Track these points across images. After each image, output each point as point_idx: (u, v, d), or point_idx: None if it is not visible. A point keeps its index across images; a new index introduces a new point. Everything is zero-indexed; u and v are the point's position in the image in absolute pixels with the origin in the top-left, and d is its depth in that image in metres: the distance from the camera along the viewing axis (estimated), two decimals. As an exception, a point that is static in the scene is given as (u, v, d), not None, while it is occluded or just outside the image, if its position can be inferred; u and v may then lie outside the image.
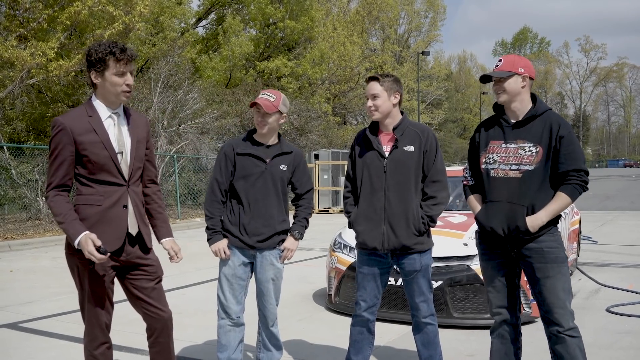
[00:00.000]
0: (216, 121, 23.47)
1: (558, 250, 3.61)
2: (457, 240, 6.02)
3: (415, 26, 60.17)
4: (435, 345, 4.16)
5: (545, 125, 3.60)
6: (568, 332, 3.59)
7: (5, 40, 16.36)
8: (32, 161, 16.44)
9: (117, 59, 3.30)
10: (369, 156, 4.06)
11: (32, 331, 5.93)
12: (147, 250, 3.52)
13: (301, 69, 31.31)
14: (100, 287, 3.37)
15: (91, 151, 3.28)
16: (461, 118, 70.28)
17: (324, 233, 13.18)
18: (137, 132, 3.49)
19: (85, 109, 3.37)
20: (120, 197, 3.36)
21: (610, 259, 10.05)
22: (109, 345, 3.50)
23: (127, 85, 3.35)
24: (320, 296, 7.41)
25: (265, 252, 4.12)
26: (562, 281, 3.59)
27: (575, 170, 3.54)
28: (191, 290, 8.02)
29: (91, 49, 3.33)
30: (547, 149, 3.57)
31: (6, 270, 9.75)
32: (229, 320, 4.14)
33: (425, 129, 4.10)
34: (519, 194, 3.59)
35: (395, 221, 3.96)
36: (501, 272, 3.78)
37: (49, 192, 3.30)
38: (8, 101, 18.54)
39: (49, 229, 14.97)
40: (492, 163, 3.69)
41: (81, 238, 3.18)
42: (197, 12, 33.05)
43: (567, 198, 3.56)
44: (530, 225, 3.56)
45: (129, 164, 3.41)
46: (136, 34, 21.52)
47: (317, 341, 5.52)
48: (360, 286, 4.17)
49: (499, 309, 3.83)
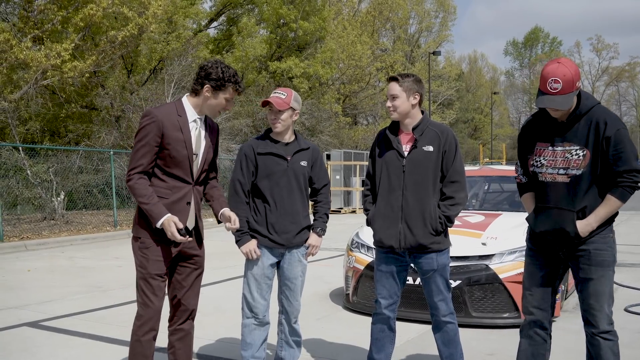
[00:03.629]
0: (228, 122, 23.54)
1: (606, 254, 3.54)
2: (475, 239, 6.03)
3: (425, 26, 60.03)
4: (455, 344, 4.16)
5: (591, 125, 3.46)
6: (602, 335, 3.55)
7: (20, 42, 16.48)
8: (47, 161, 16.56)
9: (236, 90, 3.67)
10: (389, 155, 4.09)
11: (54, 329, 5.99)
12: (201, 242, 3.81)
13: (312, 69, 31.34)
14: (158, 271, 3.59)
15: (174, 147, 3.56)
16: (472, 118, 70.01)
17: (337, 233, 13.20)
18: (212, 138, 3.80)
19: (175, 107, 3.65)
20: (186, 194, 3.64)
21: (626, 259, 10.00)
22: (155, 334, 3.66)
23: (228, 108, 3.75)
24: (337, 295, 7.43)
25: (294, 249, 4.18)
26: (603, 285, 3.54)
27: (626, 171, 3.42)
28: (208, 290, 8.05)
29: (215, 67, 3.61)
30: (595, 152, 3.44)
31: (24, 270, 9.84)
32: (255, 319, 4.17)
33: (445, 130, 4.09)
34: (568, 199, 3.51)
35: (412, 220, 3.98)
36: (543, 271, 3.72)
37: (132, 175, 3.53)
38: (23, 102, 18.70)
39: (64, 229, 15.08)
40: (540, 167, 3.61)
41: (165, 219, 3.46)
42: (208, 13, 33.15)
43: (617, 201, 3.47)
44: (580, 230, 3.49)
45: (199, 166, 3.71)
46: (149, 35, 21.63)
47: (335, 340, 5.54)
48: (379, 284, 4.19)
49: (532, 309, 3.77)
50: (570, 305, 6.63)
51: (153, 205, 3.48)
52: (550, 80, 3.38)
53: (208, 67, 3.60)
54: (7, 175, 15.55)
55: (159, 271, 3.59)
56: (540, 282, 3.74)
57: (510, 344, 4.92)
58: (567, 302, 6.73)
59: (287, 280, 4.23)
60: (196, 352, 5.16)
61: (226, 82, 3.59)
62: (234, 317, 6.33)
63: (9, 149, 15.83)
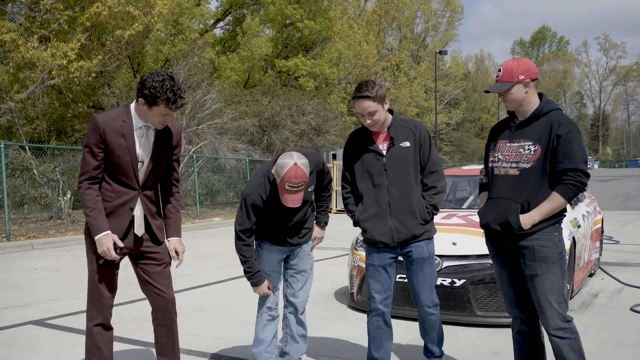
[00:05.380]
0: (234, 121, 23.54)
1: (550, 250, 3.61)
2: (479, 238, 5.98)
3: (432, 25, 59.98)
4: (436, 329, 4.36)
5: (546, 124, 3.63)
6: (555, 332, 3.61)
7: (27, 42, 16.54)
8: (53, 161, 16.62)
9: (168, 107, 3.51)
10: (367, 157, 4.19)
11: (59, 328, 6.01)
12: (159, 242, 3.84)
13: (319, 69, 31.32)
14: (105, 271, 3.70)
15: (116, 154, 3.57)
16: (479, 118, 69.84)
17: (343, 232, 13.17)
18: (164, 144, 3.74)
19: (121, 113, 3.62)
20: (130, 200, 3.67)
21: (633, 258, 9.95)
22: (106, 326, 3.79)
23: (166, 122, 3.64)
24: (342, 294, 7.42)
25: (303, 244, 4.27)
26: (550, 280, 3.59)
27: (572, 170, 3.53)
28: (212, 289, 8.07)
29: (148, 81, 3.48)
30: (546, 148, 3.59)
31: (30, 269, 9.87)
32: (268, 313, 4.21)
33: (417, 124, 4.24)
34: (516, 191, 3.65)
35: (401, 214, 4.12)
36: (507, 269, 3.84)
37: (81, 183, 3.59)
38: (30, 102, 18.76)
39: (70, 228, 15.13)
40: (497, 161, 3.77)
41: (102, 236, 3.53)
42: (215, 13, 33.17)
43: (560, 198, 3.56)
44: (523, 222, 3.59)
45: (145, 173, 3.70)
46: (155, 34, 21.67)
47: (340, 338, 5.54)
48: (373, 279, 4.27)
49: (511, 308, 3.92)
50: (576, 305, 6.60)
51: (94, 219, 3.54)
52: (497, 71, 3.75)
53: (144, 80, 3.51)
54: (13, 175, 15.62)
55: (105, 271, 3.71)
56: (509, 280, 3.86)
57: (515, 343, 4.90)
58: (572, 302, 6.69)
59: (296, 273, 4.29)
60: (200, 350, 5.16)
61: (157, 99, 3.47)
62: (238, 315, 6.35)
63: (15, 148, 15.89)
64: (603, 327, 5.77)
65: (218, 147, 21.66)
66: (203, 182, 22.46)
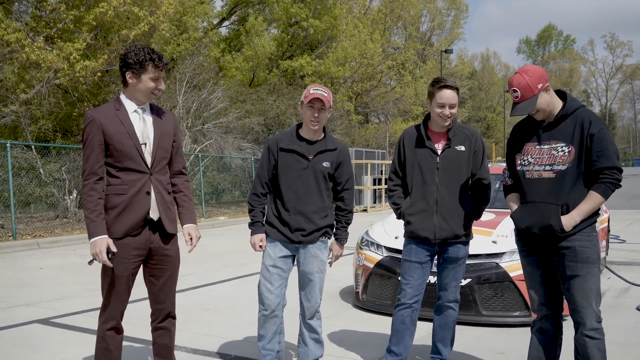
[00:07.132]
0: (240, 120, 23.54)
1: (591, 251, 3.61)
2: (485, 237, 5.99)
3: (437, 24, 59.89)
4: (450, 329, 4.41)
5: (576, 124, 3.62)
6: (589, 332, 3.60)
7: (32, 42, 16.58)
8: (59, 160, 16.66)
9: (156, 66, 3.61)
10: (421, 152, 4.28)
11: (65, 326, 6.02)
12: (169, 237, 3.79)
13: (324, 67, 31.30)
14: (122, 279, 3.67)
15: (117, 140, 3.59)
16: (485, 117, 69.74)
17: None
18: (162, 125, 3.78)
19: (113, 103, 3.70)
20: (144, 185, 3.66)
21: (639, 258, 9.92)
22: (119, 330, 3.78)
23: (159, 89, 3.69)
24: (347, 294, 7.42)
25: (309, 245, 4.19)
26: (590, 281, 3.60)
27: (608, 168, 3.53)
28: (217, 288, 8.08)
29: (130, 52, 3.60)
30: (579, 148, 3.59)
31: (36, 268, 9.90)
32: (264, 310, 4.20)
33: (474, 132, 4.37)
34: (553, 194, 3.63)
35: (447, 213, 4.21)
36: (540, 269, 3.83)
37: (85, 182, 3.61)
38: (35, 101, 18.81)
39: (76, 227, 15.16)
40: (527, 165, 3.74)
41: (97, 239, 3.52)
42: (220, 12, 33.18)
43: (599, 197, 3.56)
44: (565, 224, 3.58)
45: (152, 154, 3.70)
46: (160, 34, 21.68)
47: (345, 338, 5.54)
48: (407, 274, 4.32)
49: (539, 306, 3.88)
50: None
51: (92, 221, 3.54)
52: (510, 91, 3.67)
53: (123, 56, 3.60)
54: (19, 174, 15.66)
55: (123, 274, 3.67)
56: (541, 280, 3.85)
57: (521, 342, 4.90)
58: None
59: (303, 276, 4.28)
60: (205, 349, 5.17)
61: (142, 63, 3.56)
62: (244, 315, 6.35)
63: (21, 147, 15.93)
64: (609, 326, 5.73)
65: (223, 146, 21.68)
66: (208, 181, 22.47)
